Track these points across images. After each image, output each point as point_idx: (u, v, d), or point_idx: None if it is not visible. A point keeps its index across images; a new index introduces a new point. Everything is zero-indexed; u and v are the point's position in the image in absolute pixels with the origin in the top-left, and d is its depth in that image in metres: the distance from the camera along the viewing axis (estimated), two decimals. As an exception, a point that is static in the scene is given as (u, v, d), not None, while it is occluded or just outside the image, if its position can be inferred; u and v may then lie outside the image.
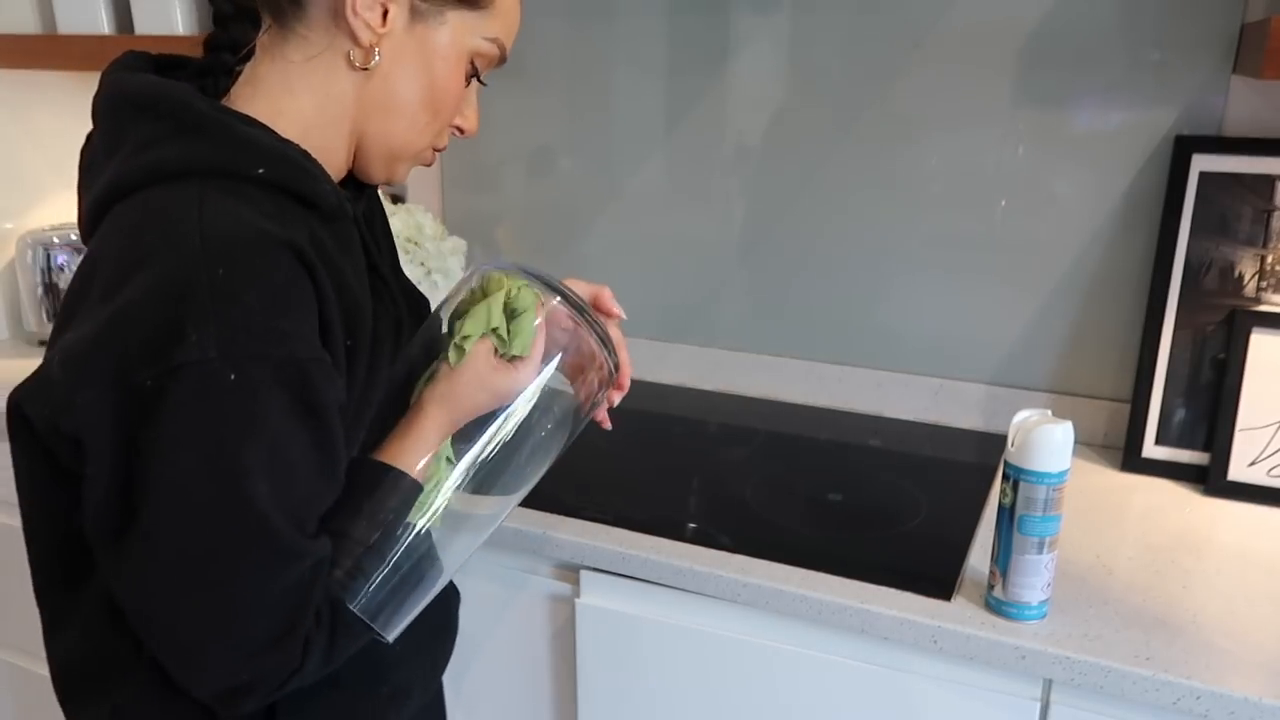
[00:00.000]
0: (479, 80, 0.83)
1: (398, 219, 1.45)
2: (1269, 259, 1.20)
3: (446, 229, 1.58)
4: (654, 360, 1.60)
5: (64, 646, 0.81)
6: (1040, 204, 1.33)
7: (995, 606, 0.94)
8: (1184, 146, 1.23)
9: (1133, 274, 1.30)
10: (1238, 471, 1.20)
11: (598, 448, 1.35)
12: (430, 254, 1.43)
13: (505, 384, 0.80)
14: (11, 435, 0.76)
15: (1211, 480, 1.21)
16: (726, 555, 1.05)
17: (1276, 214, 1.19)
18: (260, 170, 0.72)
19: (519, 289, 0.80)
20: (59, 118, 1.75)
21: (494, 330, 0.79)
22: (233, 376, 0.65)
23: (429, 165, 0.87)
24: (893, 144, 1.38)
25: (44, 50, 1.58)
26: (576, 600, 1.11)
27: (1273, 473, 1.19)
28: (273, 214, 0.71)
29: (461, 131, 0.86)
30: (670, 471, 1.31)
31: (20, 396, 0.72)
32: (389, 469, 0.76)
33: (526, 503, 0.95)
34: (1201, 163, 1.22)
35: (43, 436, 0.72)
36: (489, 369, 0.79)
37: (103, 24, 1.54)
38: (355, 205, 0.84)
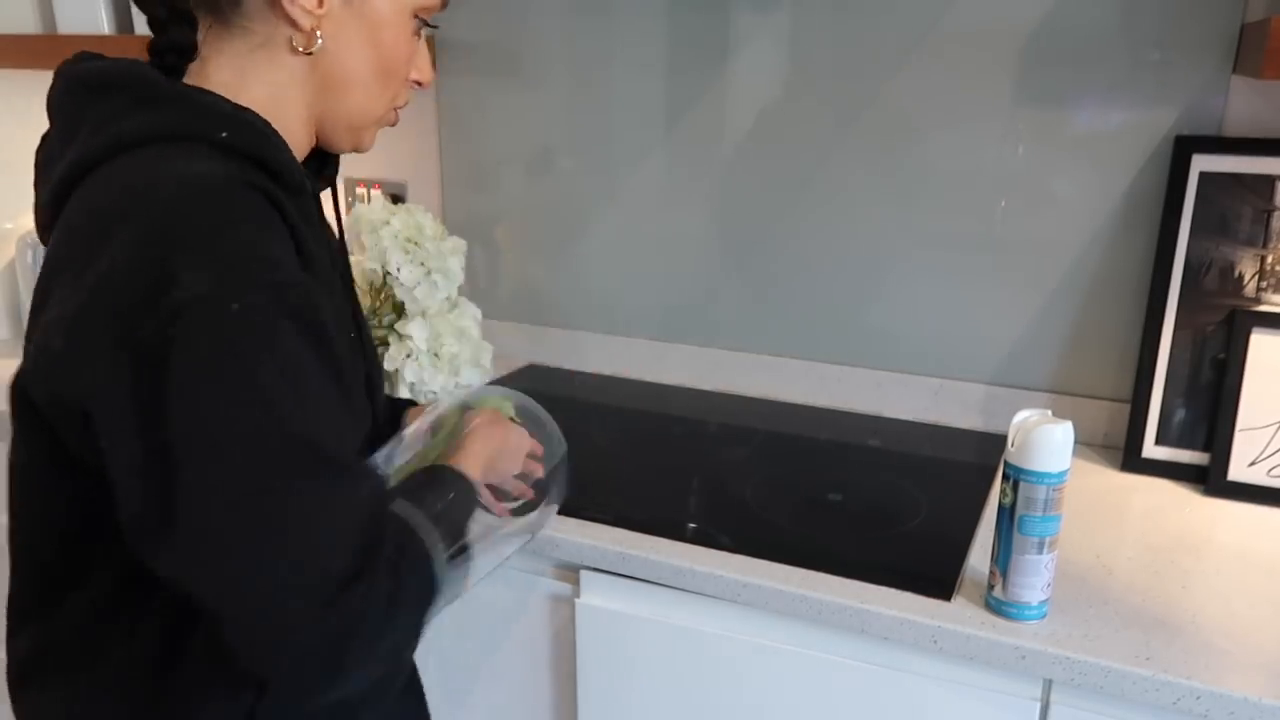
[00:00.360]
0: (428, 26, 0.83)
1: (398, 219, 1.45)
2: (1269, 259, 1.20)
3: (446, 229, 1.58)
4: (654, 360, 1.60)
5: (25, 646, 0.78)
6: (1040, 204, 1.33)
7: (995, 606, 0.94)
8: (1184, 146, 1.23)
9: (1133, 274, 1.30)
10: (1238, 471, 1.20)
11: (598, 447, 1.35)
12: (430, 254, 1.42)
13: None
14: (14, 421, 0.74)
15: (1211, 480, 1.21)
16: (726, 555, 1.05)
17: (1276, 214, 1.19)
18: (223, 134, 0.71)
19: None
20: (59, 117, 1.75)
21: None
22: (235, 306, 0.63)
23: (394, 125, 0.87)
24: (893, 143, 1.38)
25: (44, 50, 1.58)
26: (576, 600, 1.11)
27: (1273, 473, 1.19)
28: (237, 174, 0.70)
29: (420, 84, 0.85)
30: (670, 471, 1.31)
31: (24, 380, 0.71)
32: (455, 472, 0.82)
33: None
34: (1201, 163, 1.22)
35: (50, 419, 0.70)
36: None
37: (103, 24, 1.54)
38: (315, 184, 0.83)
